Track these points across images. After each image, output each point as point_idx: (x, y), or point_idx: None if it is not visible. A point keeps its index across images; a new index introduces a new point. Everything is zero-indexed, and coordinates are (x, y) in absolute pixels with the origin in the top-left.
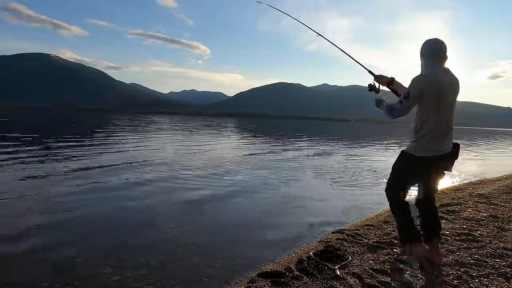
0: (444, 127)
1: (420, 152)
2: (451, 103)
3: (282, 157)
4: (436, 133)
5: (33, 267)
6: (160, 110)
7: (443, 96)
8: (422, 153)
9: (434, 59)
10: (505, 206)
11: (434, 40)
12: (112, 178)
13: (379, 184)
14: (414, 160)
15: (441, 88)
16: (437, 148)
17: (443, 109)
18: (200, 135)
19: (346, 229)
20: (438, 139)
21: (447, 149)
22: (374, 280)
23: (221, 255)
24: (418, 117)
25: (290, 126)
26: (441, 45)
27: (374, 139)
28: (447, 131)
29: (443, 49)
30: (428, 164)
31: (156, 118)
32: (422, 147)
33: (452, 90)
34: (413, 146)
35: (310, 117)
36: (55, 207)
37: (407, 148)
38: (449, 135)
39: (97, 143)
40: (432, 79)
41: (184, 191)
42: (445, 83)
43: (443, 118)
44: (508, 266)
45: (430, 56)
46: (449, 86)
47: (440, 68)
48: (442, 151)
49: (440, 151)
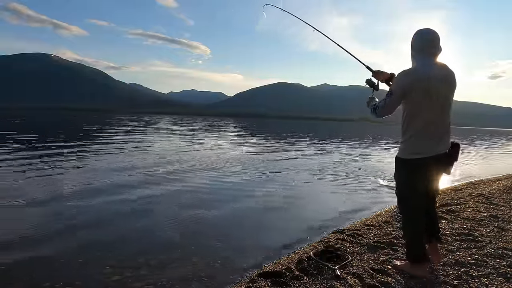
0: (437, 126)
1: (409, 154)
2: (444, 100)
3: (283, 157)
4: (426, 133)
5: (33, 267)
6: (160, 110)
7: (433, 92)
8: (411, 155)
9: (425, 52)
10: (505, 206)
11: (426, 30)
12: (112, 178)
13: (379, 185)
14: (406, 163)
15: (431, 84)
16: (428, 149)
17: (434, 106)
18: (201, 135)
19: (346, 229)
20: (428, 139)
21: (442, 150)
22: (374, 280)
23: (221, 255)
24: (405, 115)
25: (290, 126)
26: (433, 36)
27: (377, 140)
28: (441, 131)
29: (436, 39)
30: (420, 167)
31: (157, 118)
32: (411, 148)
33: (445, 85)
34: (401, 148)
35: (310, 117)
36: (55, 206)
37: (398, 152)
38: (444, 135)
39: (106, 142)
40: (420, 73)
41: (184, 191)
42: (436, 78)
43: (434, 116)
44: (508, 266)
45: (420, 48)
46: (441, 81)
47: (431, 61)
48: (436, 152)
49: (433, 152)
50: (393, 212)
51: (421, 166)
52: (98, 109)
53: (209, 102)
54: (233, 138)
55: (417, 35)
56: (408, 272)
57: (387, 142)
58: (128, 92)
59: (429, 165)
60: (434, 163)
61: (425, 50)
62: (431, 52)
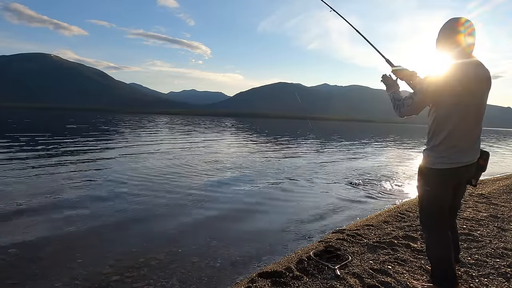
0: (468, 133)
1: (437, 163)
2: (478, 103)
3: (284, 157)
4: (457, 140)
5: (33, 267)
6: (160, 110)
7: (467, 94)
8: (439, 165)
9: (458, 46)
10: (505, 206)
11: (462, 19)
12: (112, 178)
13: (379, 184)
14: (433, 174)
15: (466, 84)
16: (459, 158)
17: (467, 110)
18: (202, 134)
19: (346, 229)
20: (459, 147)
21: (473, 159)
22: (374, 280)
23: (221, 255)
24: (433, 119)
25: (291, 126)
26: (472, 28)
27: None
28: (472, 138)
29: (472, 32)
30: (447, 178)
31: (158, 118)
32: (439, 157)
33: (481, 86)
34: (427, 156)
35: (310, 117)
36: (55, 206)
37: (422, 161)
38: (476, 143)
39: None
40: (453, 72)
41: (185, 191)
42: (471, 78)
43: (466, 121)
44: (508, 266)
45: (452, 42)
46: (477, 82)
47: (465, 58)
48: (466, 162)
49: (463, 162)
50: (393, 212)
51: (450, 177)
52: (98, 109)
53: (209, 102)
54: (234, 138)
55: (449, 28)
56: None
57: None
58: (128, 92)
59: (459, 175)
60: (464, 174)
61: (459, 44)
62: (467, 47)
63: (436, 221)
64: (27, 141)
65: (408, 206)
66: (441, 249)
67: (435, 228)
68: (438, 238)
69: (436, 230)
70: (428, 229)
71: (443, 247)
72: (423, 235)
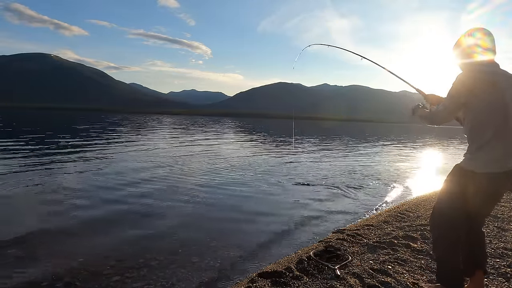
0: (505, 137)
1: (480, 168)
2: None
3: (284, 156)
4: (498, 144)
5: (33, 267)
6: (160, 110)
7: (500, 98)
8: (483, 169)
9: (490, 52)
10: (505, 206)
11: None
12: (113, 178)
13: (379, 185)
14: (473, 178)
15: (499, 87)
16: (501, 163)
17: (503, 114)
18: (203, 134)
19: (346, 229)
20: (500, 151)
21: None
22: (374, 280)
23: (221, 255)
24: (469, 124)
25: (291, 126)
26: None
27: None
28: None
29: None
30: (489, 183)
31: (158, 119)
32: (481, 161)
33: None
34: (470, 158)
35: (310, 117)
36: (54, 206)
37: (464, 162)
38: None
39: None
40: (484, 76)
41: (185, 191)
42: (502, 82)
43: (504, 125)
44: (508, 266)
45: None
46: (509, 85)
47: (494, 62)
48: (508, 167)
49: (506, 167)
50: (393, 212)
51: (490, 181)
52: (100, 109)
53: (209, 102)
54: (235, 139)
55: (481, 32)
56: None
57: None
58: (128, 92)
59: (500, 180)
60: (505, 179)
61: (491, 50)
62: (494, 52)
63: (448, 222)
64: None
65: (408, 206)
66: (453, 257)
67: (444, 228)
68: (451, 248)
69: (444, 230)
70: (438, 228)
71: (447, 248)
72: (431, 233)
